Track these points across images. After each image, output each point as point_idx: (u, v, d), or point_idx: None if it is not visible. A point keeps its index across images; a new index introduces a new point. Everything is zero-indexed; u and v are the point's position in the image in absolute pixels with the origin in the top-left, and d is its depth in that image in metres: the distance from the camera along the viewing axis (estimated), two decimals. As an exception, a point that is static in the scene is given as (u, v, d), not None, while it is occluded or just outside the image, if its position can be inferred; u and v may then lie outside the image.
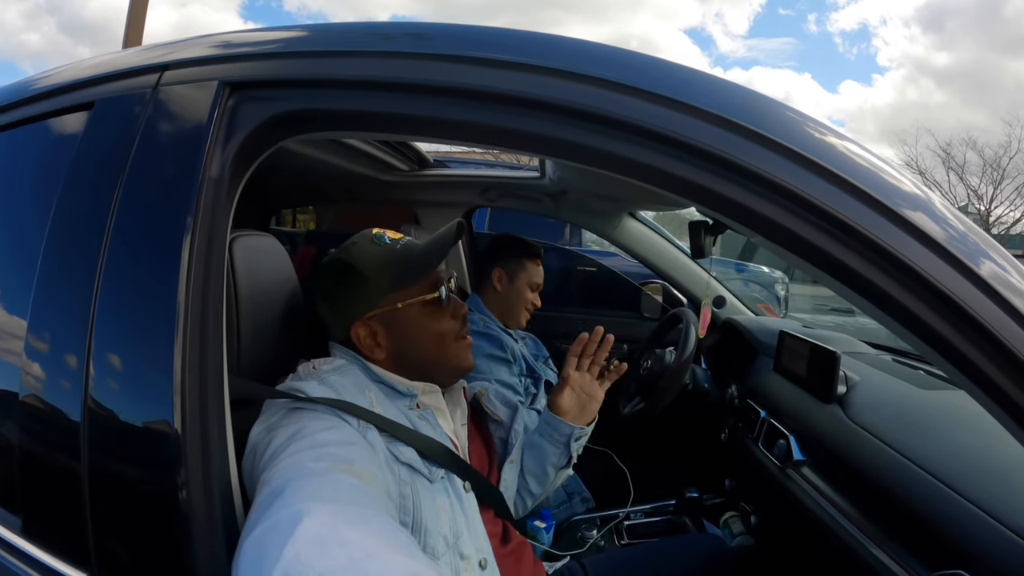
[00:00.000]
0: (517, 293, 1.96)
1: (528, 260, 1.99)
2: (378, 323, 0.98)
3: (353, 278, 0.99)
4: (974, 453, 1.03)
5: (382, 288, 0.98)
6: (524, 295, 1.97)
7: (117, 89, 0.81)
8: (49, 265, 0.75)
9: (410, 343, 0.99)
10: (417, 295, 0.99)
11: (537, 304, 2.00)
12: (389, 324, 0.98)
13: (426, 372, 1.01)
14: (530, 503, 1.27)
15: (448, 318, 1.02)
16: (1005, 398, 0.61)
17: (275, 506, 0.62)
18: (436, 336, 1.01)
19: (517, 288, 1.96)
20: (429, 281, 1.01)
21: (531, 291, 1.99)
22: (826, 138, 0.67)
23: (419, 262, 1.00)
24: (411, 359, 0.99)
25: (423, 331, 1.00)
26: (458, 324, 1.04)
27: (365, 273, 0.98)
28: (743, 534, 1.63)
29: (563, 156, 0.72)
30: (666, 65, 0.71)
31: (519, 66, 0.69)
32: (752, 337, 1.98)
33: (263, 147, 0.76)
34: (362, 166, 1.82)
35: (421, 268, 1.00)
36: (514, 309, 1.97)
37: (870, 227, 0.62)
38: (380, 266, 0.99)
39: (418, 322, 0.99)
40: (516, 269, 1.97)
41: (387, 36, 0.75)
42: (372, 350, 0.98)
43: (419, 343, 0.99)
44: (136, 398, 0.68)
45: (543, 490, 1.26)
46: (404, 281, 0.99)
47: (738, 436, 1.71)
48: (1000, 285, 0.61)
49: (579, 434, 1.23)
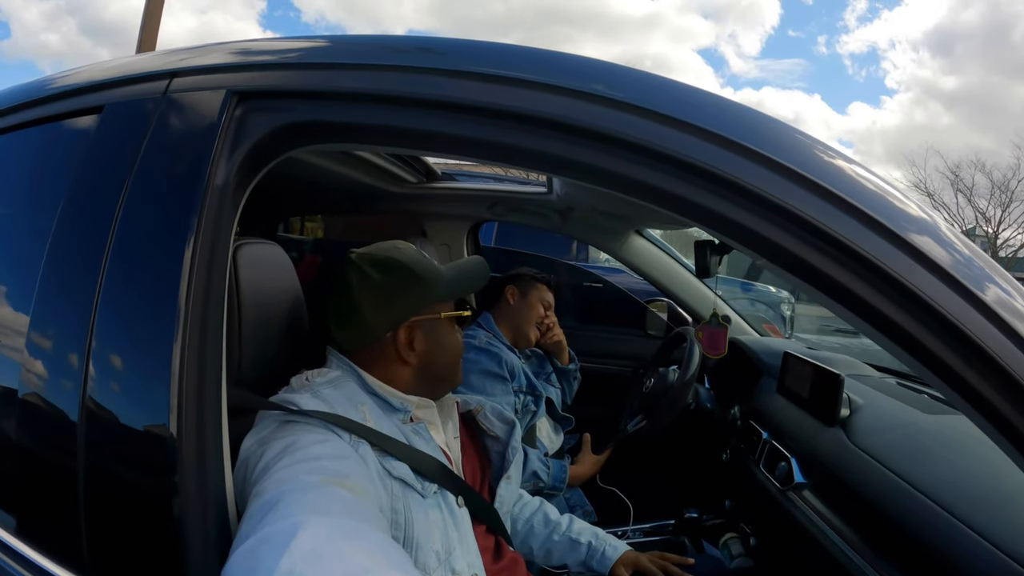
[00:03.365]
0: (529, 307, 2.03)
1: (539, 282, 2.08)
2: (418, 329, 0.99)
3: (407, 278, 0.98)
4: (976, 479, 1.02)
5: (437, 295, 1.01)
6: (536, 310, 2.04)
7: (126, 94, 0.81)
8: (53, 265, 0.76)
9: (440, 354, 1.02)
10: (456, 309, 1.04)
11: (550, 322, 2.07)
12: (428, 332, 1.00)
13: (437, 384, 1.04)
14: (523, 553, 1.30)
15: (457, 334, 1.07)
16: (1005, 423, 0.61)
17: (269, 517, 0.62)
18: (456, 351, 1.06)
19: (529, 302, 2.04)
20: (460, 300, 1.07)
21: (543, 308, 2.06)
22: (833, 161, 0.67)
23: (466, 279, 1.07)
24: (434, 370, 1.02)
25: (451, 345, 1.04)
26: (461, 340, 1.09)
27: (421, 276, 0.99)
28: (742, 555, 1.61)
29: (570, 175, 0.73)
30: (674, 86, 0.72)
31: (527, 83, 0.70)
32: (756, 358, 1.97)
33: (269, 157, 0.77)
34: (370, 177, 1.83)
35: (473, 282, 1.08)
36: (525, 324, 2.02)
37: (873, 251, 0.62)
38: (434, 273, 1.01)
39: (449, 335, 1.04)
40: (528, 287, 2.06)
41: (395, 50, 0.75)
42: (407, 355, 0.98)
43: (446, 355, 1.03)
44: (134, 401, 0.69)
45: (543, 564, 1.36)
46: (457, 292, 1.04)
47: (739, 457, 1.69)
48: (1003, 310, 0.61)
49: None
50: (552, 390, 2.07)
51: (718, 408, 1.86)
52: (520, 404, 1.84)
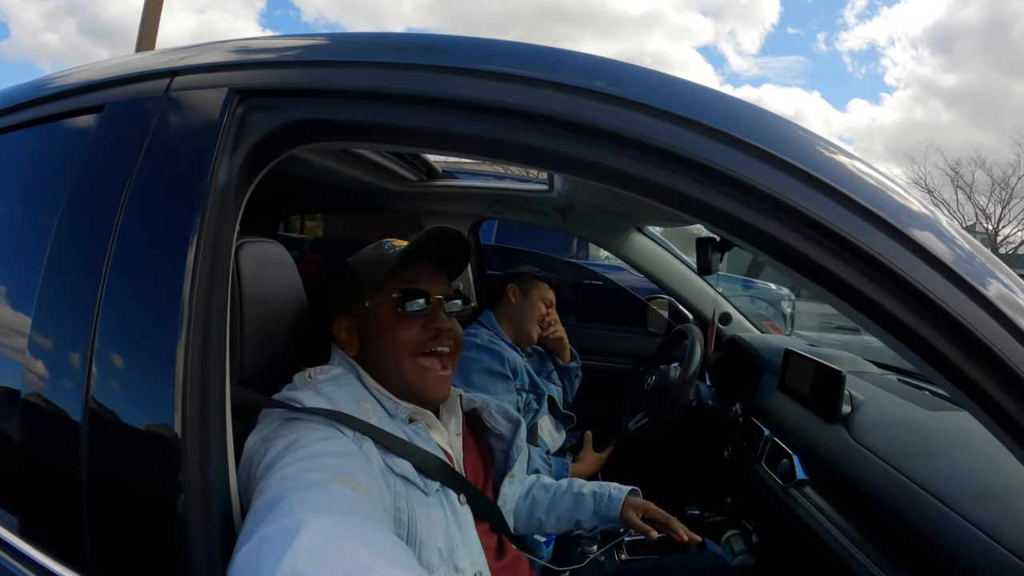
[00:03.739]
0: (531, 305, 2.04)
1: (540, 281, 2.09)
2: (353, 321, 1.00)
3: (345, 275, 1.04)
4: (978, 475, 1.02)
5: (362, 285, 1.00)
6: (537, 308, 2.05)
7: (128, 93, 0.81)
8: (55, 266, 0.75)
9: (372, 347, 0.99)
10: (384, 295, 0.98)
11: (553, 320, 2.08)
12: (361, 323, 1.00)
13: (392, 385, 0.98)
14: (533, 531, 1.31)
15: (414, 328, 0.98)
16: (1007, 418, 0.61)
17: (272, 515, 0.62)
18: (392, 343, 0.97)
19: (531, 300, 2.05)
20: (402, 284, 0.99)
21: (544, 306, 2.07)
22: (835, 157, 0.67)
23: (388, 262, 0.98)
24: (375, 366, 0.98)
25: (383, 336, 0.98)
26: (424, 336, 0.99)
27: (353, 271, 1.03)
28: (744, 552, 1.62)
29: (572, 172, 0.73)
30: (676, 82, 0.71)
31: (529, 80, 0.69)
32: (757, 355, 1.97)
33: (271, 155, 0.76)
34: (371, 175, 1.83)
35: (389, 265, 0.98)
36: (527, 322, 2.03)
37: (875, 246, 0.61)
38: (366, 265, 1.03)
39: (382, 326, 0.98)
40: (529, 286, 2.07)
41: (397, 47, 0.75)
42: (346, 346, 1.00)
43: (379, 348, 0.98)
44: (137, 401, 0.69)
45: (554, 532, 1.35)
46: (373, 277, 0.99)
47: (741, 454, 1.69)
48: (1005, 305, 0.61)
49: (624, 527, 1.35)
50: (554, 388, 2.07)
51: (719, 405, 1.86)
52: (523, 402, 1.84)
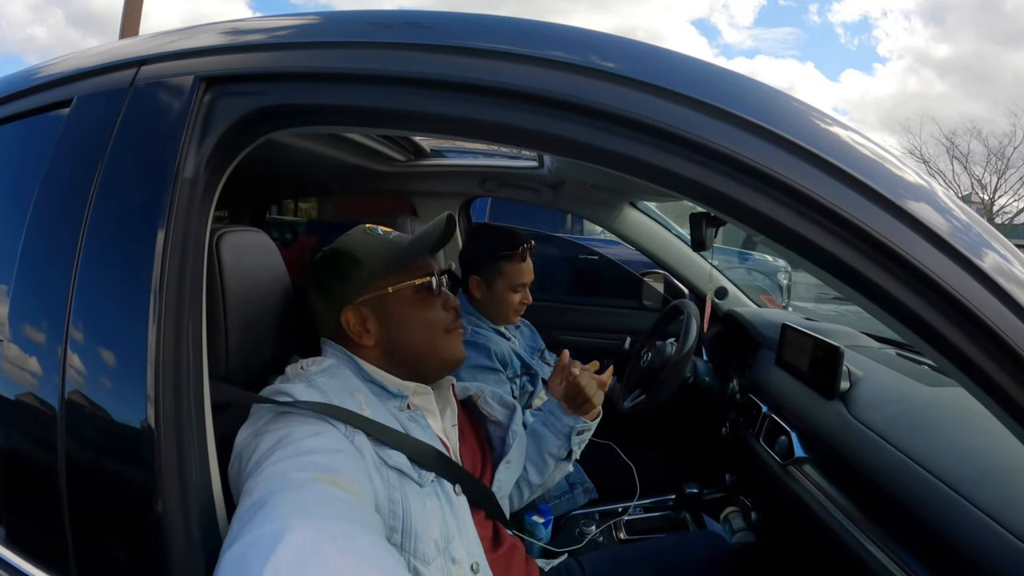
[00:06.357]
0: (497, 299, 1.80)
1: (505, 263, 1.77)
2: (368, 309, 0.97)
3: (345, 264, 0.99)
4: (978, 454, 1.01)
5: (374, 273, 0.97)
6: (506, 299, 1.80)
7: (95, 86, 0.79)
8: (27, 261, 0.74)
9: (400, 331, 0.98)
10: (408, 281, 0.98)
11: (528, 301, 1.84)
12: (379, 310, 0.97)
13: (416, 364, 0.99)
14: (527, 495, 1.27)
15: (439, 308, 1.01)
16: (1004, 396, 0.59)
17: (256, 520, 0.61)
18: (425, 325, 0.99)
19: (496, 294, 1.79)
20: (421, 269, 0.99)
21: (514, 292, 1.80)
22: (827, 127, 0.64)
23: (411, 247, 0.99)
24: (400, 348, 0.98)
25: (413, 319, 0.98)
26: (450, 316, 1.02)
27: (358, 258, 0.98)
28: (743, 530, 1.62)
29: (559, 152, 0.70)
30: (664, 54, 0.69)
31: (510, 56, 0.66)
32: (754, 330, 1.96)
33: (242, 143, 0.74)
34: (357, 157, 1.81)
35: (413, 253, 0.99)
36: (499, 313, 1.83)
37: (869, 220, 0.59)
38: (373, 251, 0.99)
39: (408, 309, 0.98)
40: (492, 275, 1.78)
41: (371, 24, 0.72)
42: (361, 337, 0.97)
43: (408, 331, 0.98)
44: (112, 396, 0.68)
45: (542, 481, 1.28)
46: (396, 265, 0.98)
47: (739, 431, 1.69)
48: (1001, 277, 0.59)
49: (581, 428, 1.28)
50: (547, 368, 2.05)
51: (717, 382, 1.84)
52: (517, 389, 1.81)
